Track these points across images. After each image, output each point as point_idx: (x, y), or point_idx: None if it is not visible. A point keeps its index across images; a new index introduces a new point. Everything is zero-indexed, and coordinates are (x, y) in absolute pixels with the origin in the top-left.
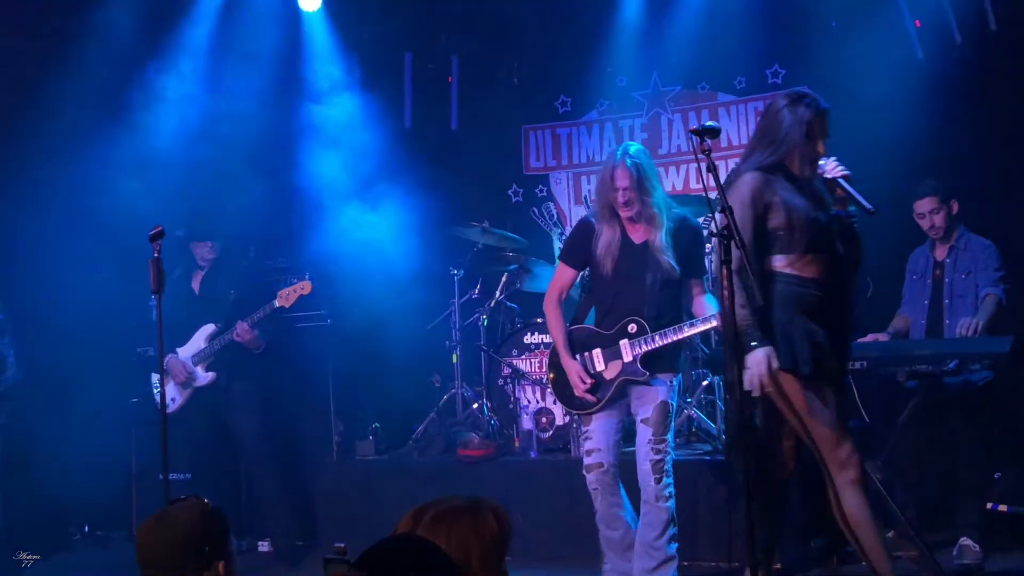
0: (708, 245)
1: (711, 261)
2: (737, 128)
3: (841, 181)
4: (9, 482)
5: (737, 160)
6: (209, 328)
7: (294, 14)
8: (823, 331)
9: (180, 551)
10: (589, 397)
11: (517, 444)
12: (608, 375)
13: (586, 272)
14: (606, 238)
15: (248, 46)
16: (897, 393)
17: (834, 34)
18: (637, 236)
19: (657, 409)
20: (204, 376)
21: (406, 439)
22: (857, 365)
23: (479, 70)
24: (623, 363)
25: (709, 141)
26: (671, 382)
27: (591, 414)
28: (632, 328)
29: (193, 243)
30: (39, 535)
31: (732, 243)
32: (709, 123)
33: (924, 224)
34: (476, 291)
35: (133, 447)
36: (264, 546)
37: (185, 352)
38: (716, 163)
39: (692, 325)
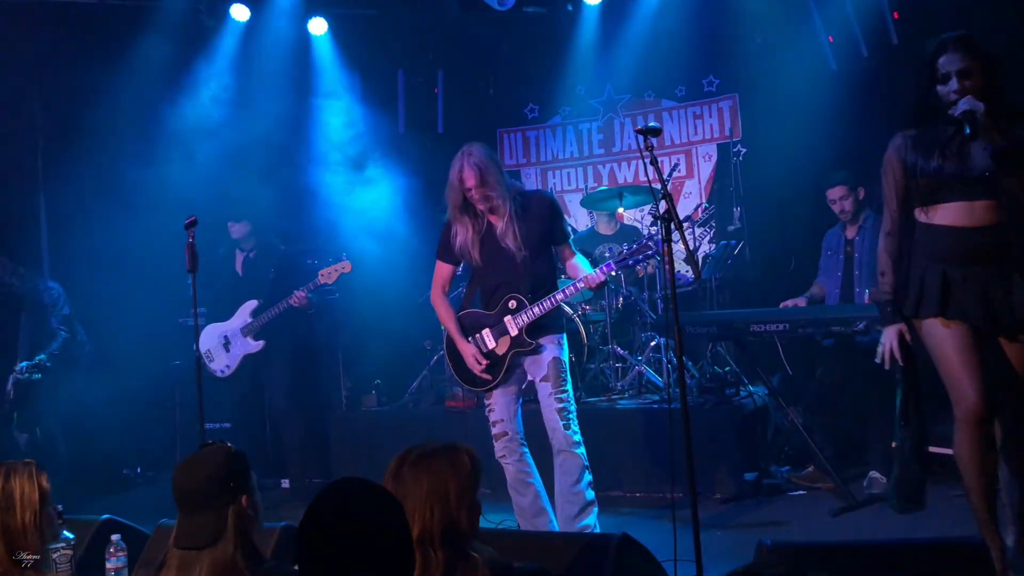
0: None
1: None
2: (678, 129)
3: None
4: (80, 433)
5: (678, 156)
6: (252, 304)
7: (305, 38)
8: (967, 275)
9: (209, 487)
10: (486, 376)
11: None
12: (500, 351)
13: None
14: (461, 236)
15: (268, 64)
16: (815, 350)
17: (760, 49)
18: (497, 223)
19: (550, 366)
20: (254, 344)
21: (403, 393)
22: (780, 327)
23: (461, 83)
24: (511, 337)
25: (653, 140)
26: (557, 341)
27: (491, 390)
28: (512, 304)
29: (230, 223)
30: (101, 474)
31: (671, 224)
32: (652, 124)
33: (836, 208)
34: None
35: (177, 402)
36: (285, 483)
37: (231, 326)
38: (658, 158)
39: (563, 291)
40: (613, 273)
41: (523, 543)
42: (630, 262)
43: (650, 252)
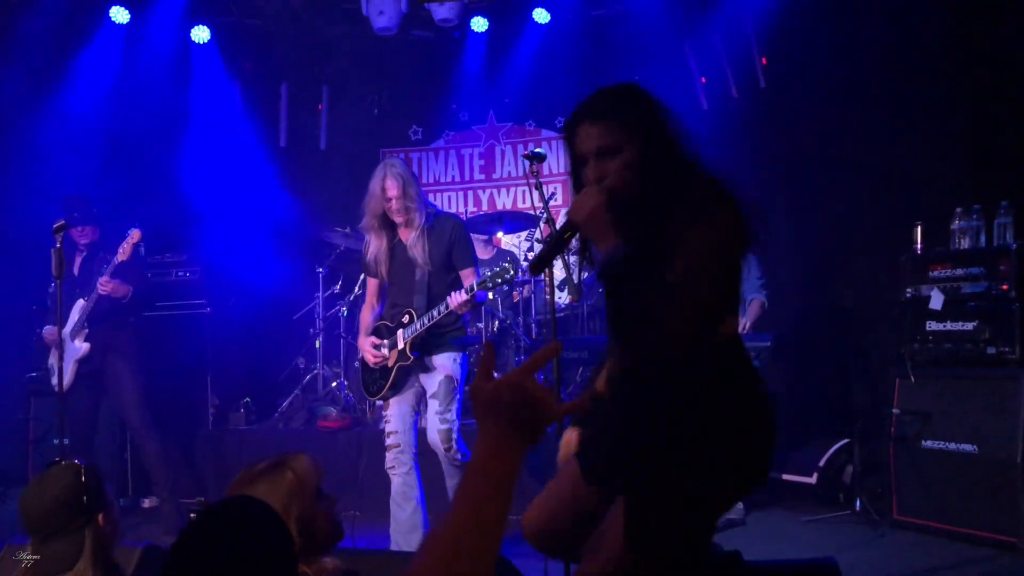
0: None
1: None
2: (556, 159)
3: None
4: None
5: (555, 186)
6: (80, 303)
7: (187, 45)
8: None
9: (62, 508)
10: (380, 361)
11: (369, 416)
12: (390, 363)
13: None
14: (373, 247)
15: (146, 71)
16: None
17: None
18: (406, 238)
19: (442, 384)
20: (79, 348)
21: (273, 412)
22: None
23: (345, 100)
24: (398, 350)
25: (538, 165)
26: (453, 359)
27: (387, 399)
28: (406, 319)
29: (73, 229)
30: None
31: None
32: (537, 150)
33: None
34: (338, 287)
35: (31, 416)
36: (147, 502)
37: (65, 330)
38: (542, 184)
39: (437, 309)
40: (473, 293)
41: (392, 562)
42: (489, 284)
43: (509, 276)
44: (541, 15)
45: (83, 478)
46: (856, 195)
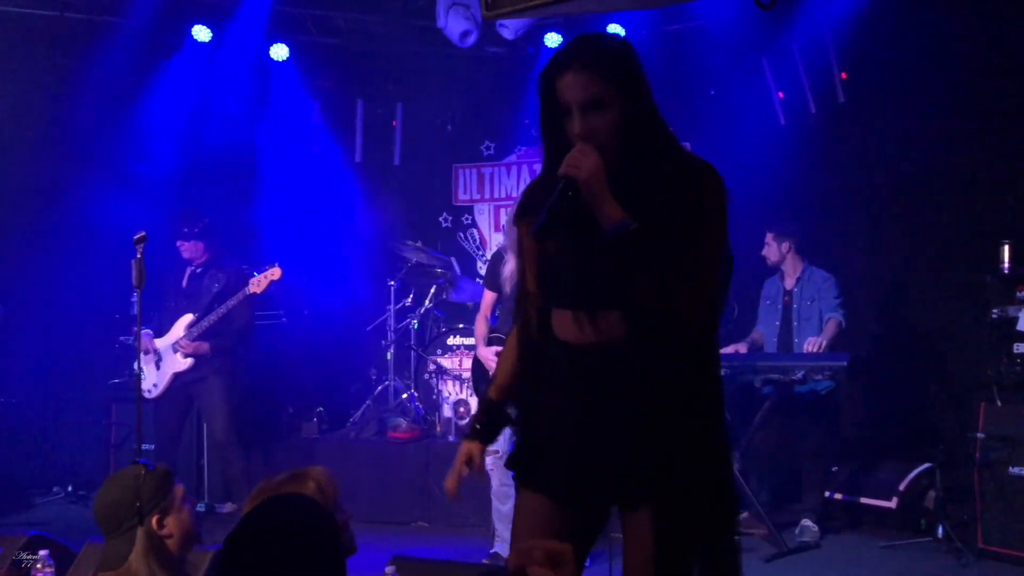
0: None
1: None
2: None
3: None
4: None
5: None
6: (187, 318)
7: (267, 62)
8: (565, 419)
9: (118, 509)
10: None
11: (439, 429)
12: None
13: None
14: (511, 265)
15: (227, 87)
16: (753, 396)
17: (712, 101)
18: None
19: None
20: (183, 363)
21: (345, 422)
22: (722, 372)
23: (419, 116)
24: None
25: None
26: None
27: None
28: None
29: (179, 242)
30: (28, 492)
31: None
32: None
33: (763, 252)
34: (409, 300)
35: (113, 420)
36: (223, 508)
37: (164, 342)
38: None
39: None
40: None
41: (453, 573)
42: None
43: None
44: (615, 31)
45: (140, 481)
46: (939, 212)
